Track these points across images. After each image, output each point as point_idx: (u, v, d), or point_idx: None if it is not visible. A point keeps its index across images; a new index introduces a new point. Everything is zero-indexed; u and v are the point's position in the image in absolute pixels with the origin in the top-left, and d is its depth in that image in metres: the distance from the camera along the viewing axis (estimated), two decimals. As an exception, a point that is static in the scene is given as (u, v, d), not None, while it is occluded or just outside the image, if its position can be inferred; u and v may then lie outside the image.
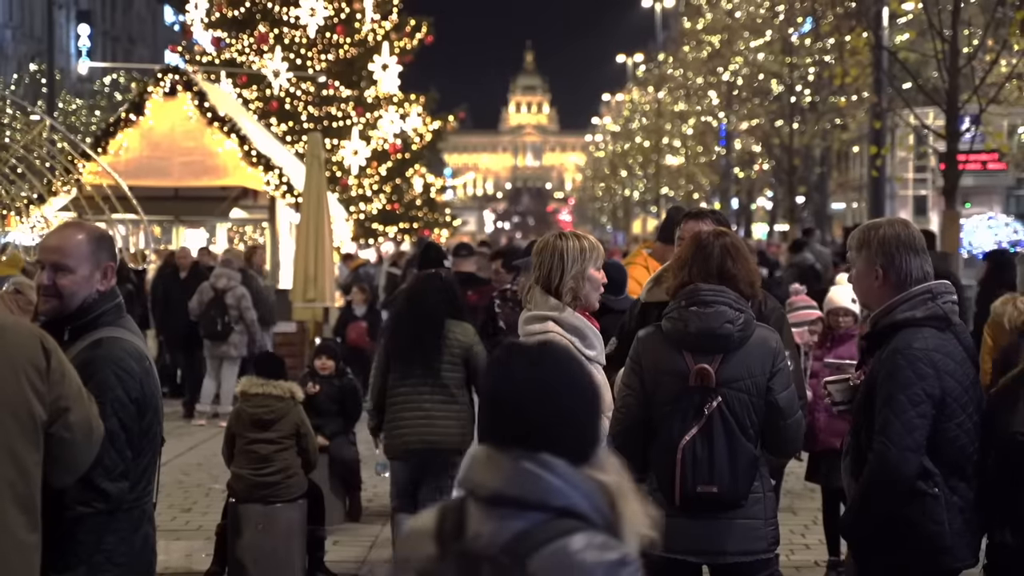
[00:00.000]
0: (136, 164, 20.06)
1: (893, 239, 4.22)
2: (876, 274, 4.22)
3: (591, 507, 2.27)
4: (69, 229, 4.02)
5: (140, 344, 3.94)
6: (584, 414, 2.33)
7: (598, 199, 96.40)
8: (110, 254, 3.98)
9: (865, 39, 17.64)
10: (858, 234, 4.33)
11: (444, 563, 2.30)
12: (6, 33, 62.45)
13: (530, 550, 2.22)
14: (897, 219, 4.47)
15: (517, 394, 2.31)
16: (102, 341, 3.82)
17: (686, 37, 41.38)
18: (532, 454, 2.27)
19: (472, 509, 2.30)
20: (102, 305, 3.89)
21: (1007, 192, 35.96)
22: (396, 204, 33.47)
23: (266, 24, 31.31)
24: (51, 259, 3.88)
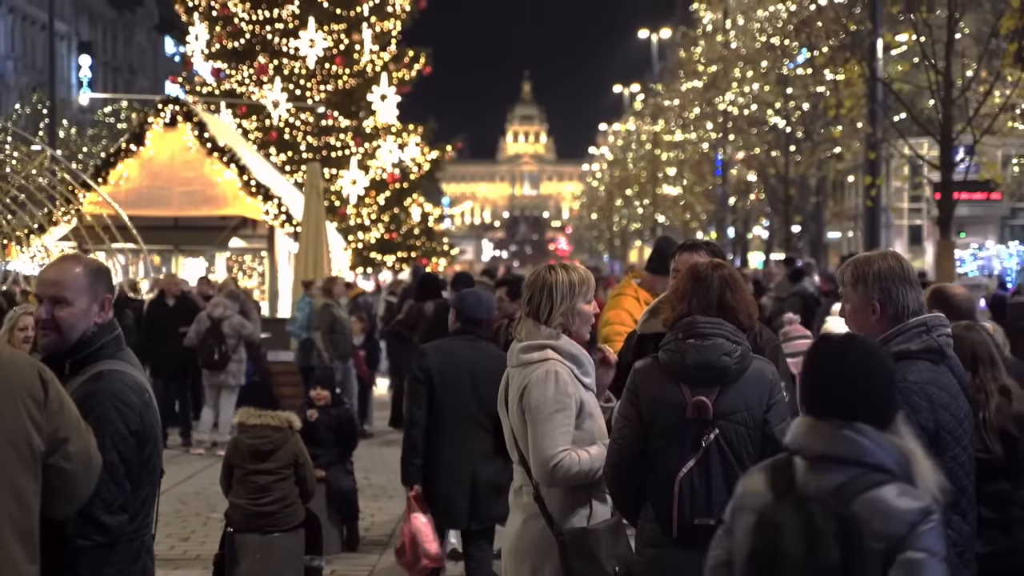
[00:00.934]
0: (136, 194, 20.16)
1: (888, 273, 4.25)
2: (873, 308, 4.25)
3: (895, 464, 3.00)
4: (66, 262, 4.02)
5: (140, 376, 3.95)
6: (887, 390, 3.11)
7: (595, 228, 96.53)
8: (107, 286, 3.99)
9: (859, 71, 17.76)
10: (851, 269, 4.35)
11: (779, 505, 3.03)
12: (8, 64, 62.67)
13: (852, 496, 2.95)
14: (889, 252, 4.50)
15: (837, 375, 3.08)
16: (102, 374, 3.83)
17: (682, 68, 41.57)
18: (848, 423, 3.02)
19: (800, 465, 3.06)
20: (101, 338, 3.90)
21: (1002, 222, 36.05)
22: (394, 233, 33.55)
23: (266, 55, 31.50)
24: (49, 292, 3.88)
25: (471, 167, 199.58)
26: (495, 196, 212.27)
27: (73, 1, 69.81)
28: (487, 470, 6.68)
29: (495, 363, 6.32)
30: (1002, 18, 15.21)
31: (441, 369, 6.74)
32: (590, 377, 4.83)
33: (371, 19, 32.69)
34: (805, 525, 2.97)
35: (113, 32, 77.40)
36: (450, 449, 6.71)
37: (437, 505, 6.74)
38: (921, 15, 15.58)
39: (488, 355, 6.77)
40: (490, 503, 6.67)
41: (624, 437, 4.50)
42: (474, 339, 6.85)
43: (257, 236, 21.63)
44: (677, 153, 44.37)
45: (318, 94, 31.67)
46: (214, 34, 31.94)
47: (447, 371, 6.72)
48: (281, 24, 31.67)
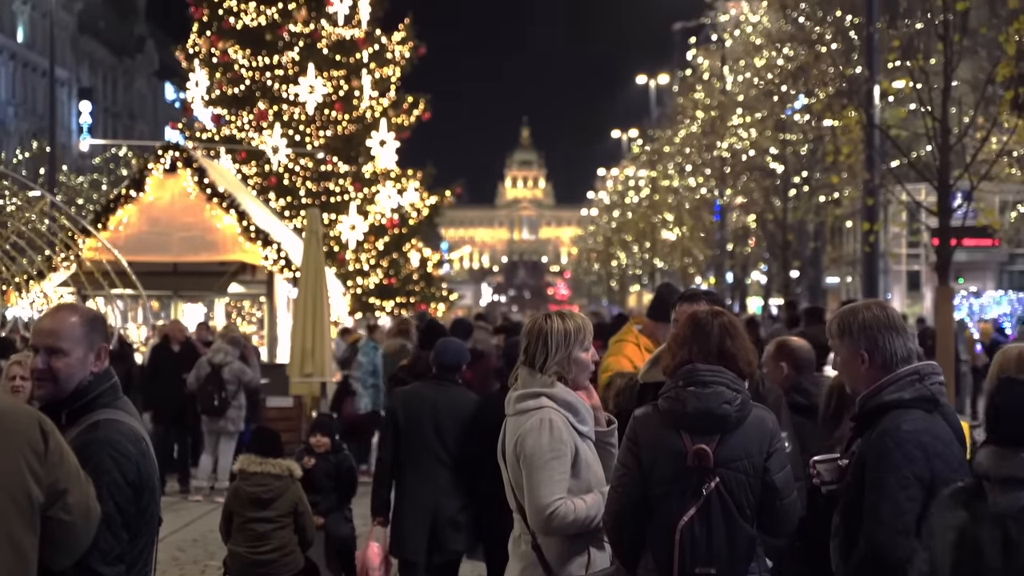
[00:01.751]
0: (136, 239, 20.19)
1: (874, 322, 4.28)
2: (862, 358, 4.28)
3: None
4: (62, 312, 4.03)
5: (137, 425, 3.95)
6: None
7: (593, 273, 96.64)
8: (104, 335, 4.00)
9: (856, 117, 17.85)
10: (836, 321, 4.38)
11: (977, 523, 3.54)
12: (8, 110, 62.97)
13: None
14: (873, 302, 4.53)
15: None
16: (99, 424, 3.82)
17: (680, 113, 41.78)
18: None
19: (989, 488, 3.56)
20: (98, 387, 3.90)
21: (1000, 267, 36.13)
22: (393, 279, 33.58)
23: (266, 101, 31.67)
24: (45, 342, 3.89)
25: (470, 212, 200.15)
26: (494, 241, 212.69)
27: (74, 48, 70.24)
28: (448, 506, 7.08)
29: (460, 406, 7.16)
30: (998, 65, 15.30)
31: (406, 410, 7.30)
32: (587, 425, 4.82)
33: (371, 66, 32.91)
34: (1003, 538, 3.48)
35: (113, 78, 77.82)
36: (413, 484, 7.19)
37: (399, 537, 7.22)
38: (917, 62, 15.67)
39: (454, 398, 7.30)
40: (449, 537, 7.10)
41: (624, 485, 4.50)
42: (443, 383, 7.38)
43: (256, 282, 21.64)
44: (675, 198, 44.51)
45: (317, 140, 31.82)
46: (214, 80, 32.13)
47: (412, 413, 7.27)
48: (281, 71, 31.88)
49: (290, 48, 31.94)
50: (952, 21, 15.29)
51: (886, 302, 4.55)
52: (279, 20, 32.03)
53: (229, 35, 32.11)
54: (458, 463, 7.11)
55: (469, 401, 7.35)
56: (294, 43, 31.96)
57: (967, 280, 32.70)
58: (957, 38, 15.37)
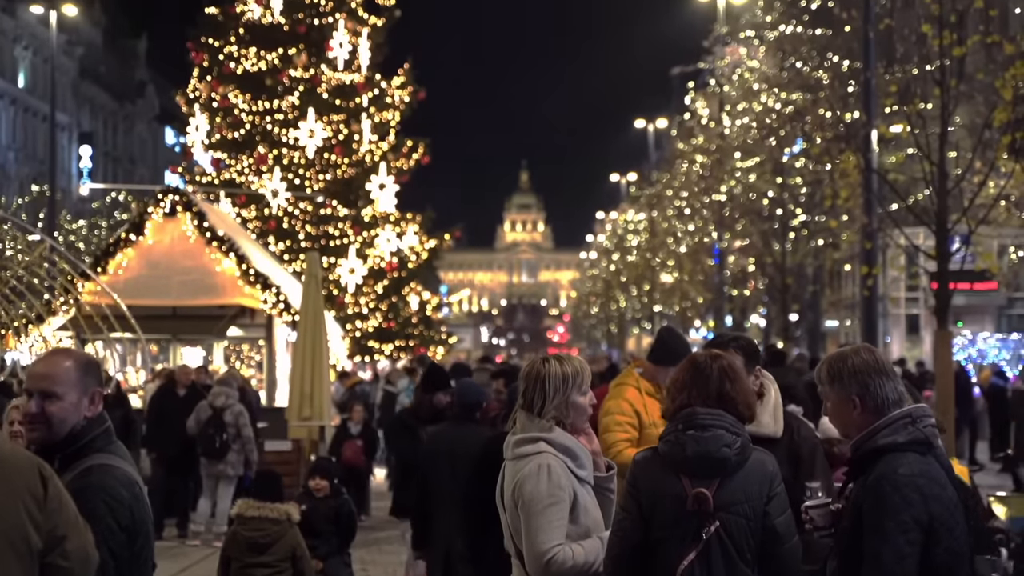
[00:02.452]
0: (135, 283, 20.19)
1: (863, 367, 4.30)
2: (853, 403, 4.29)
3: None
4: (57, 356, 4.04)
5: (130, 470, 3.95)
6: None
7: (593, 316, 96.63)
8: (97, 379, 4.00)
9: (854, 161, 17.92)
10: (826, 367, 4.40)
11: None
12: (9, 155, 63.18)
13: None
14: (862, 346, 4.55)
15: None
16: (92, 469, 3.82)
17: (678, 157, 41.94)
18: None
19: None
20: (91, 431, 3.90)
21: (999, 311, 36.14)
22: (392, 322, 33.59)
23: (265, 145, 31.82)
24: (39, 387, 3.90)
25: (469, 255, 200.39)
26: (493, 284, 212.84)
27: (75, 92, 70.58)
28: (460, 543, 7.07)
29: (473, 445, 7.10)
30: (995, 110, 15.39)
31: (427, 451, 7.77)
32: (585, 470, 4.81)
33: (370, 110, 33.08)
34: None
35: (114, 123, 78.13)
36: (436, 522, 7.47)
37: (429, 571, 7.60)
38: (914, 107, 15.76)
39: (469, 437, 7.42)
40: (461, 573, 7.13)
41: (624, 529, 4.49)
42: (464, 423, 7.66)
43: (255, 325, 21.64)
44: (674, 242, 44.59)
45: (317, 183, 31.93)
46: (214, 125, 32.29)
47: (432, 453, 7.67)
48: (281, 115, 32.04)
49: (290, 92, 32.12)
50: (949, 66, 15.39)
51: (874, 347, 4.57)
52: (279, 65, 32.24)
53: (229, 80, 32.30)
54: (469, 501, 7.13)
55: (480, 440, 7.37)
56: (294, 88, 32.15)
57: (966, 324, 32.71)
58: (954, 83, 15.47)
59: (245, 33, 32.61)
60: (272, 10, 32.57)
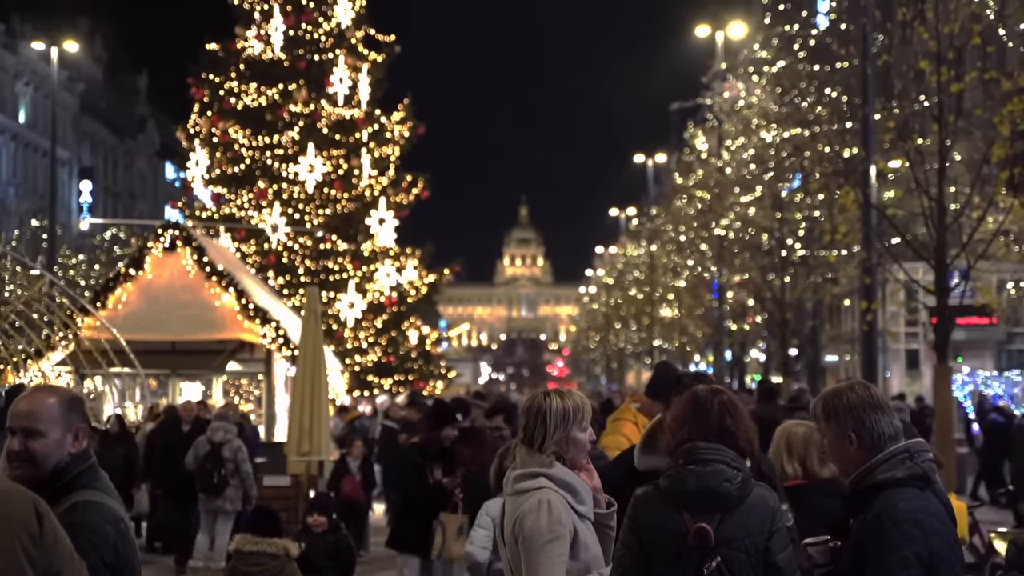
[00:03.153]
0: (134, 318, 20.19)
1: (859, 402, 4.30)
2: (849, 439, 4.29)
3: None
4: (40, 393, 4.03)
5: (116, 506, 3.94)
6: None
7: (592, 351, 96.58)
8: (81, 416, 3.99)
9: (853, 196, 17.96)
10: (821, 404, 4.40)
11: None
12: (10, 190, 63.32)
13: None
14: (856, 382, 4.55)
15: None
16: (77, 506, 3.81)
17: (678, 192, 42.03)
18: None
19: None
20: (76, 467, 3.89)
21: (998, 346, 36.11)
22: (391, 357, 33.56)
23: (265, 180, 31.91)
24: (22, 424, 3.89)
25: (468, 290, 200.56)
26: (492, 318, 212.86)
27: (75, 128, 70.80)
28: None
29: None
30: (993, 146, 15.44)
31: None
32: (586, 506, 4.79)
33: (370, 145, 33.20)
34: None
35: (114, 158, 78.35)
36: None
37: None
38: (913, 143, 15.82)
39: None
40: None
41: (624, 565, 4.47)
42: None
43: (254, 360, 21.63)
44: (673, 276, 44.63)
45: (317, 218, 31.99)
46: (214, 160, 32.40)
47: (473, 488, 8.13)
48: (281, 150, 32.15)
49: (290, 128, 32.25)
50: (947, 102, 15.46)
51: (868, 383, 4.57)
52: (279, 100, 32.38)
53: (230, 115, 32.44)
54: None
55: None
56: (294, 123, 32.28)
57: (966, 359, 32.67)
58: (952, 119, 15.54)
59: (245, 69, 32.79)
60: (272, 46, 32.75)
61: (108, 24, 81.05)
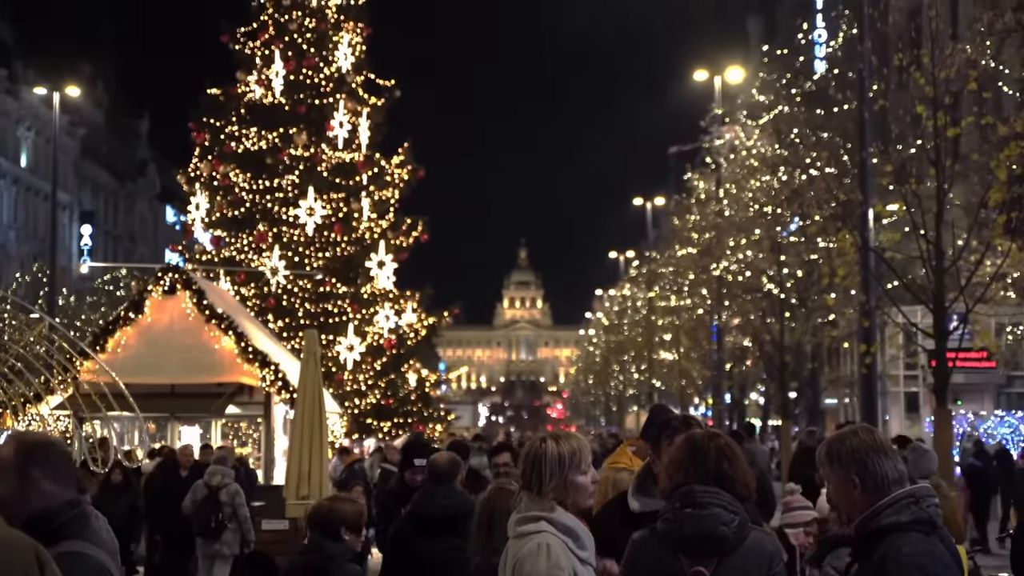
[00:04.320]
0: (134, 361, 20.20)
1: (861, 447, 4.31)
2: (853, 483, 4.30)
3: None
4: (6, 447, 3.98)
5: (103, 558, 3.88)
6: None
7: (591, 393, 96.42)
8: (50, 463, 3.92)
9: (851, 240, 18.02)
10: (825, 448, 4.41)
11: None
12: (10, 234, 63.44)
13: None
14: (860, 426, 4.56)
15: None
16: (63, 557, 3.73)
17: (677, 235, 42.12)
18: None
19: None
20: (61, 516, 3.84)
21: (997, 389, 36.07)
22: (391, 399, 33.51)
23: (265, 223, 31.98)
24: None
25: (468, 332, 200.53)
26: (492, 361, 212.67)
27: (76, 172, 71.06)
28: None
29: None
30: (990, 190, 15.51)
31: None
32: (586, 551, 4.79)
33: (370, 188, 33.31)
34: None
35: (115, 202, 78.58)
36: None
37: None
38: (910, 186, 15.90)
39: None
40: None
41: (623, 609, 4.47)
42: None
43: (253, 403, 21.62)
44: (672, 319, 44.66)
45: (316, 261, 32.04)
46: (215, 203, 32.50)
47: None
48: (281, 193, 32.26)
49: (290, 171, 32.38)
50: (943, 147, 15.55)
51: (872, 427, 4.59)
52: (280, 144, 32.54)
53: (230, 159, 32.58)
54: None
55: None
56: (294, 166, 32.41)
57: (965, 402, 32.66)
58: (949, 163, 15.62)
59: (246, 113, 32.97)
60: (273, 90, 32.96)
61: (110, 69, 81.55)
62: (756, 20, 77.09)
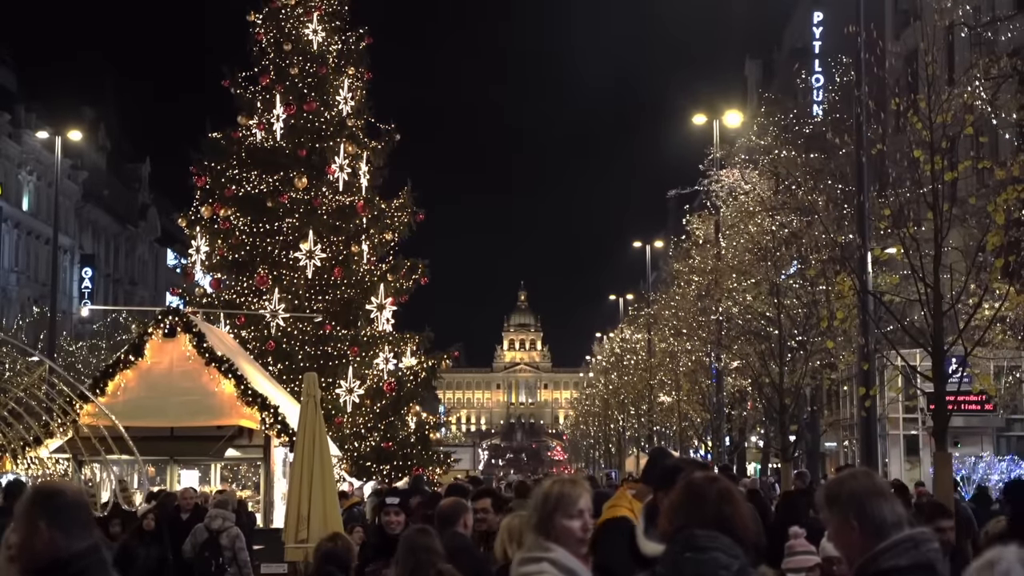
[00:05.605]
0: (133, 404, 20.20)
1: (860, 490, 4.34)
2: (852, 527, 4.33)
3: None
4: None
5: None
6: None
7: (591, 436, 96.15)
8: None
9: (849, 283, 18.06)
10: (824, 492, 4.45)
11: None
12: (11, 277, 63.51)
13: None
14: (859, 470, 4.60)
15: None
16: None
17: (675, 278, 42.17)
18: None
19: None
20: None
21: (996, 433, 36.02)
22: (390, 442, 33.44)
23: (265, 267, 32.04)
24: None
25: (468, 375, 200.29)
26: (491, 404, 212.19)
27: (78, 215, 71.24)
28: None
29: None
30: (988, 234, 15.56)
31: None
32: (587, 592, 4.82)
33: (370, 231, 33.40)
34: None
35: (116, 245, 78.71)
36: None
37: None
38: (908, 230, 15.95)
39: None
40: None
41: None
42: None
43: (253, 446, 21.59)
44: (671, 362, 44.60)
45: (316, 304, 32.07)
46: (215, 246, 32.58)
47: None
48: (281, 236, 32.35)
49: (290, 214, 32.48)
50: (941, 191, 15.62)
51: (871, 471, 4.62)
52: (280, 187, 32.66)
53: (230, 202, 32.69)
54: None
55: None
56: (295, 209, 32.52)
57: (964, 445, 32.62)
58: (946, 207, 15.67)
59: (247, 156, 33.13)
60: (274, 134, 33.12)
61: (112, 113, 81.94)
62: (754, 64, 77.57)
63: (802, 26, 61.12)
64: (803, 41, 60.26)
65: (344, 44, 35.40)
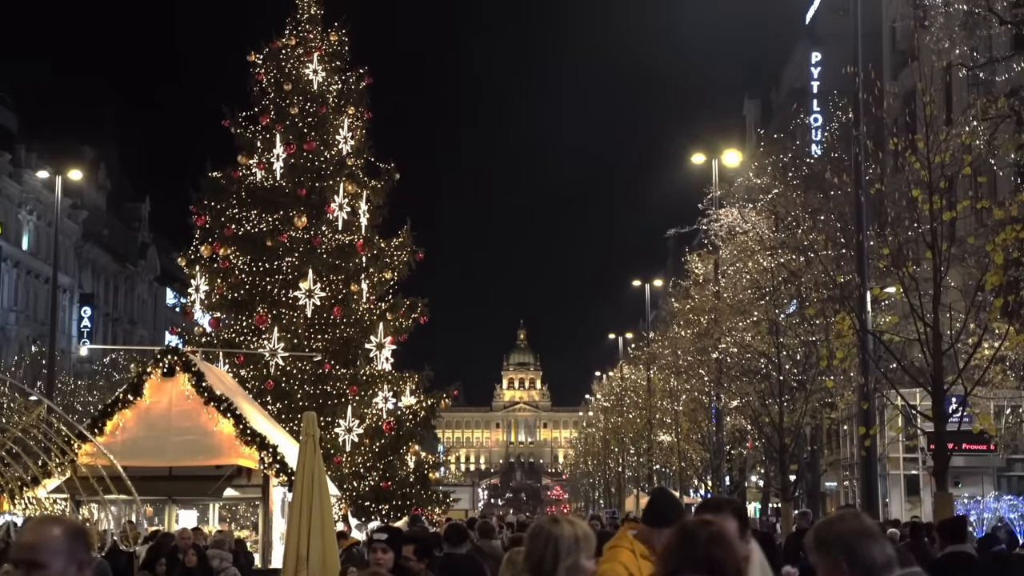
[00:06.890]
0: (132, 444, 20.14)
1: (849, 532, 4.35)
2: (842, 570, 4.33)
3: None
4: (44, 525, 4.03)
5: None
6: None
7: (591, 475, 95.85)
8: (85, 548, 4.00)
9: (849, 322, 18.08)
10: (813, 535, 4.45)
11: None
12: (11, 316, 63.52)
13: None
14: (848, 511, 4.60)
15: None
16: None
17: (675, 317, 42.19)
18: None
19: None
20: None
21: (997, 473, 35.90)
22: (388, 482, 33.32)
23: (264, 306, 32.05)
24: (25, 556, 3.89)
25: (467, 413, 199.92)
26: (491, 443, 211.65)
27: (77, 254, 71.32)
28: None
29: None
30: (986, 273, 15.59)
31: None
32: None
33: (369, 270, 33.43)
34: None
35: (115, 284, 78.76)
36: None
37: None
38: (907, 269, 15.98)
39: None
40: None
41: None
42: None
43: (252, 486, 21.51)
44: (671, 401, 44.54)
45: (315, 343, 32.05)
46: (214, 285, 32.59)
47: None
48: (280, 275, 32.38)
49: (290, 253, 32.52)
50: (940, 230, 15.66)
51: (860, 512, 4.63)
52: (280, 226, 32.72)
53: (230, 241, 32.74)
54: None
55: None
56: (294, 248, 32.56)
57: (965, 485, 32.51)
58: (945, 247, 15.72)
59: (246, 196, 33.21)
60: (274, 173, 33.22)
61: (112, 153, 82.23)
62: (752, 104, 77.94)
63: (800, 66, 61.46)
64: (801, 81, 60.59)
65: (344, 84, 35.58)
